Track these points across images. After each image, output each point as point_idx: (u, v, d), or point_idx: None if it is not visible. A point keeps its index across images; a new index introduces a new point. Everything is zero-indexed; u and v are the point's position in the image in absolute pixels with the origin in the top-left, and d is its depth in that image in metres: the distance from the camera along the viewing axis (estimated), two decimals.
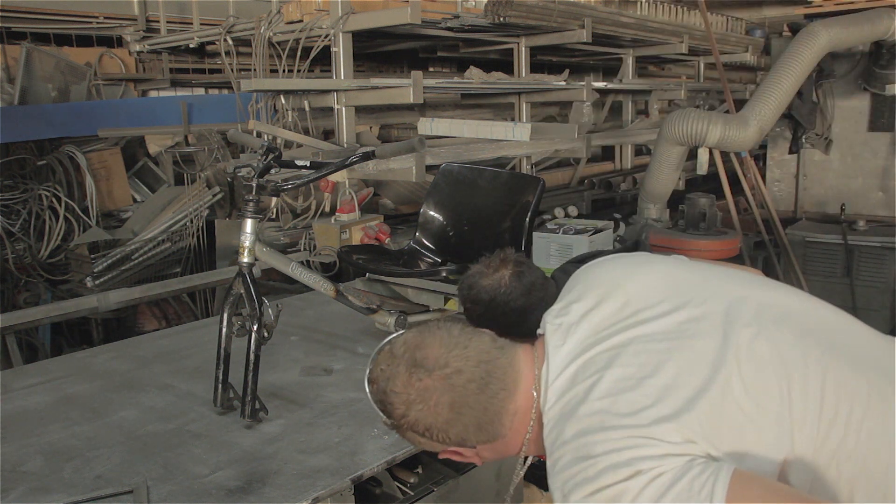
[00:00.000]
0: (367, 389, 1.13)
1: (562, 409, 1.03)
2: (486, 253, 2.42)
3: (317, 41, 3.92)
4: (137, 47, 5.54)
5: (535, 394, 1.09)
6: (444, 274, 2.12)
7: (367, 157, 2.04)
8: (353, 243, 3.53)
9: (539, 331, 1.19)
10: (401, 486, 1.92)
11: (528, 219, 2.45)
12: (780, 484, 0.92)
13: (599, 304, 1.12)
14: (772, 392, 0.95)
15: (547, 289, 1.64)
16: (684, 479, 0.88)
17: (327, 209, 3.90)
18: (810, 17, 4.81)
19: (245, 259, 1.93)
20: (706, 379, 0.96)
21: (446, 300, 2.18)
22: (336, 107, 3.93)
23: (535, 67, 5.43)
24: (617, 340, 1.04)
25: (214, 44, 4.83)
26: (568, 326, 1.11)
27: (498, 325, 1.36)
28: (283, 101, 4.01)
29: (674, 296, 1.09)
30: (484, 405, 1.07)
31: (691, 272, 1.18)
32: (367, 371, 1.14)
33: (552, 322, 1.14)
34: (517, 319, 1.60)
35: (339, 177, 3.58)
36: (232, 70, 4.50)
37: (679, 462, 0.90)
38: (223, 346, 1.94)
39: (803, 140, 5.13)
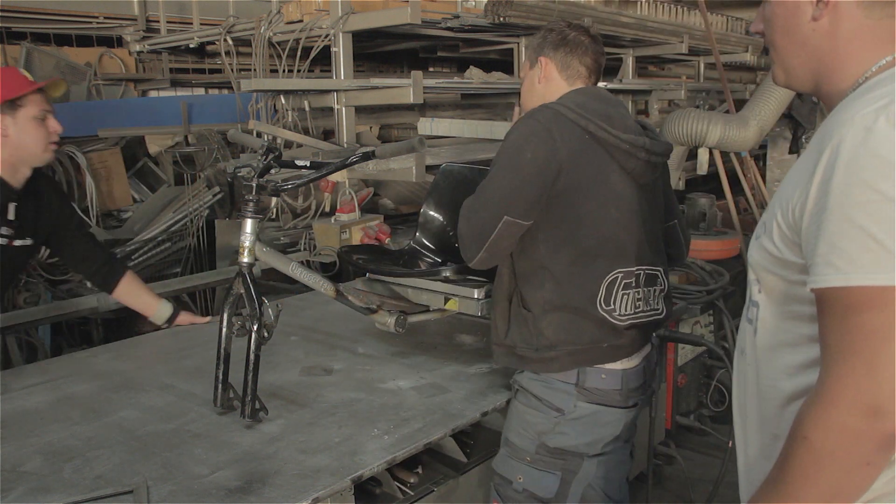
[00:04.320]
0: None
1: None
2: None
3: (317, 41, 3.92)
4: (137, 47, 5.54)
5: None
6: (444, 274, 2.12)
7: (367, 157, 2.04)
8: (353, 243, 3.52)
9: None
10: (401, 486, 1.92)
11: None
12: None
13: None
14: None
15: None
16: None
17: (327, 209, 3.90)
18: None
19: (245, 259, 1.94)
20: None
21: (446, 300, 2.18)
22: (336, 107, 3.93)
23: None
24: None
25: (214, 44, 4.83)
26: None
27: None
28: (283, 101, 4.01)
29: None
30: None
31: None
32: None
33: None
34: None
35: (339, 177, 3.57)
36: (232, 70, 4.50)
37: None
38: (223, 346, 1.94)
39: (803, 140, 5.12)
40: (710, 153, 4.43)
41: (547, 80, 1.83)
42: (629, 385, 1.72)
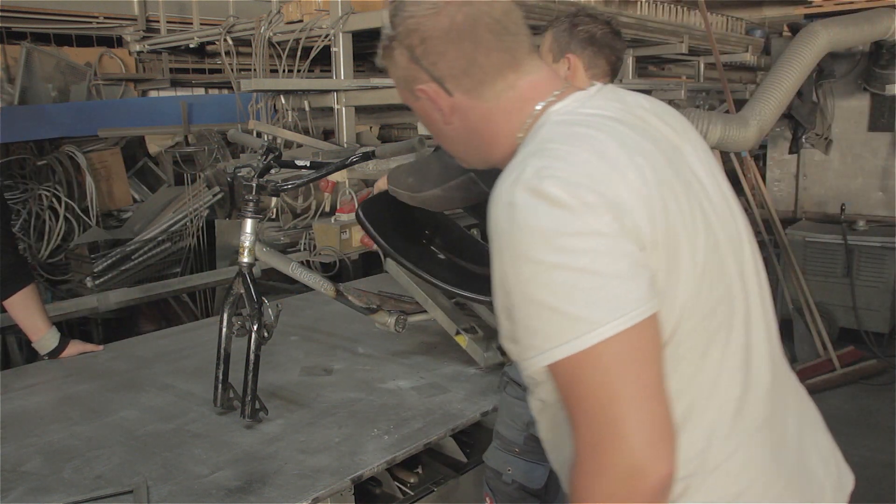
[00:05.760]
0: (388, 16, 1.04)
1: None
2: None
3: (317, 41, 3.92)
4: (137, 47, 5.54)
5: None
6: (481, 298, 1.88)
7: (367, 157, 2.04)
8: (354, 241, 3.50)
9: None
10: (401, 486, 1.92)
11: None
12: None
13: None
14: None
15: None
16: None
17: (327, 209, 3.90)
18: (810, 17, 4.82)
19: (245, 259, 1.94)
20: None
21: (456, 333, 2.14)
22: (336, 107, 3.93)
23: None
24: None
25: (214, 44, 4.83)
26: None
27: None
28: (283, 101, 4.01)
29: None
30: (487, 47, 0.96)
31: None
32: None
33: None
34: None
35: (339, 177, 3.57)
36: (232, 70, 4.50)
37: None
38: (223, 346, 1.94)
39: (803, 140, 5.13)
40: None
41: (573, 78, 1.79)
42: None
